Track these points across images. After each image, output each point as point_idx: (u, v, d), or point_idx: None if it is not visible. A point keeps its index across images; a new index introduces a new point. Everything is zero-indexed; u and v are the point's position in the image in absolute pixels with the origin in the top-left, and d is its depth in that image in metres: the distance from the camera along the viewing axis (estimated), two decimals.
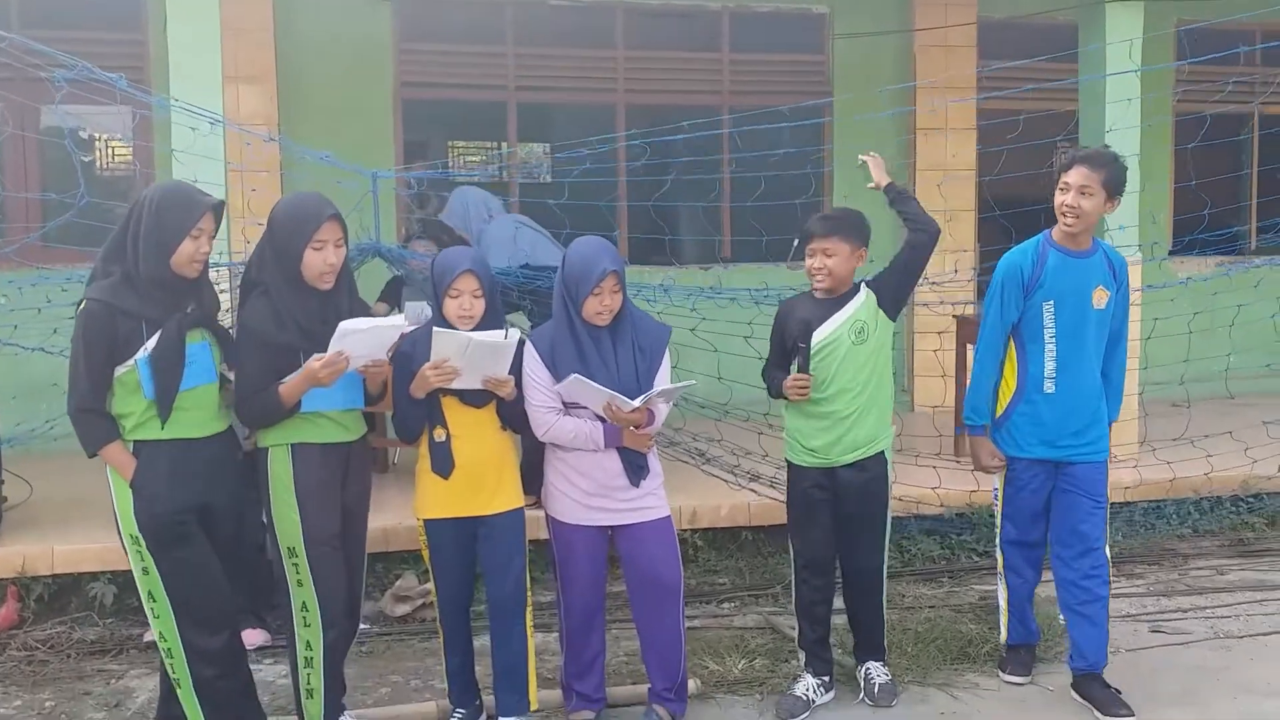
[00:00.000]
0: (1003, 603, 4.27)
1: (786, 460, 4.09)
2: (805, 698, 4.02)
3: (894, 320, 3.98)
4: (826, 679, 4.10)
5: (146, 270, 3.25)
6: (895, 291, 3.97)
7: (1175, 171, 8.44)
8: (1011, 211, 5.94)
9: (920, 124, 8.12)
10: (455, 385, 3.51)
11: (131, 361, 3.25)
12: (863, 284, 3.99)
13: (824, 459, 3.95)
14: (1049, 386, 3.92)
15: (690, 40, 8.30)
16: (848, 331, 3.89)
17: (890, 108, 8.19)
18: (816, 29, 8.28)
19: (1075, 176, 3.78)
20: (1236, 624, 4.84)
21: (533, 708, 3.77)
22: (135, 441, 3.32)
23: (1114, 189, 3.82)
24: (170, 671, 3.45)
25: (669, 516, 3.75)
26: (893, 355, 4.05)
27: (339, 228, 3.45)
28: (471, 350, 3.43)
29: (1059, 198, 3.85)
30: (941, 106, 7.91)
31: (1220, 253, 6.95)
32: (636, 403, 3.50)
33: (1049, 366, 3.91)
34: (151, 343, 3.25)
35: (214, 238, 3.37)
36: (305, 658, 3.54)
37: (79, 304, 3.30)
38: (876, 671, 4.10)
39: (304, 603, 3.50)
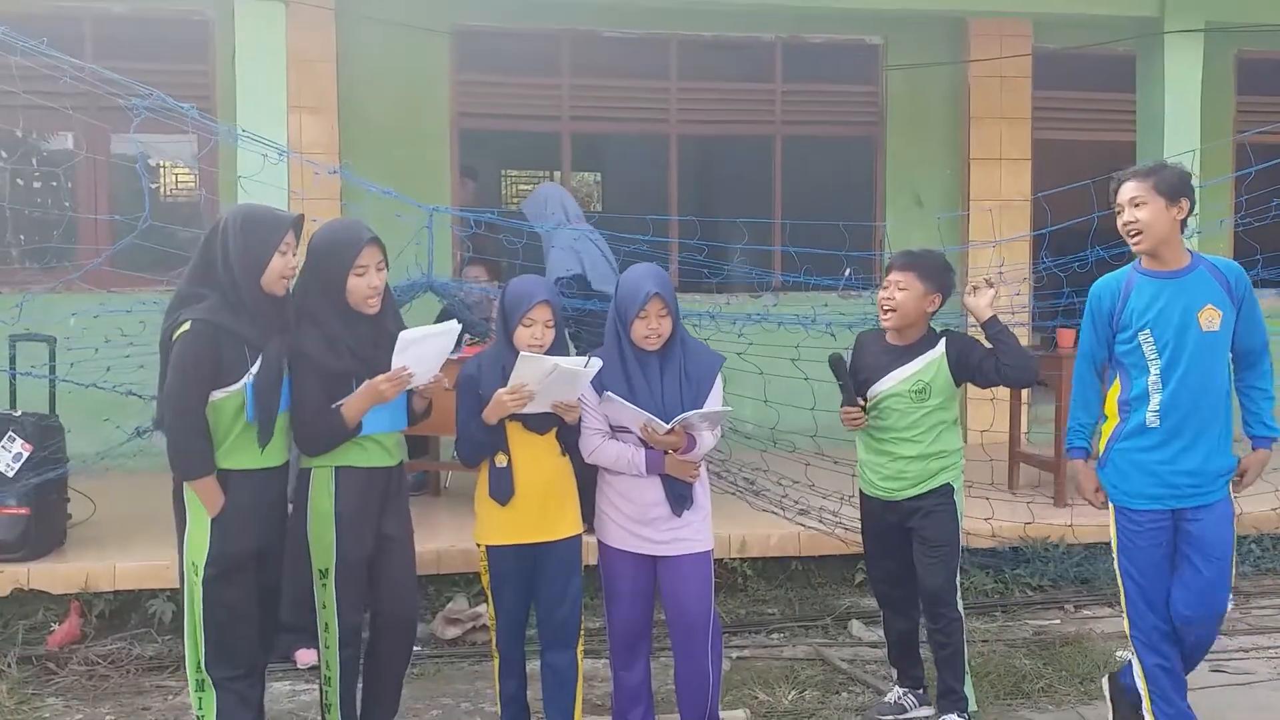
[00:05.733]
0: (1143, 687, 3.68)
1: (859, 490, 4.14)
2: (896, 703, 4.12)
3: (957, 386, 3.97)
4: (921, 691, 4.15)
5: (242, 290, 3.31)
6: (965, 376, 3.93)
7: (1236, 204, 8.32)
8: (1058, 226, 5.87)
9: (974, 154, 8.09)
10: (527, 409, 3.54)
11: (240, 384, 3.30)
12: (943, 339, 3.94)
13: (887, 493, 3.99)
14: (1152, 420, 3.59)
15: (743, 71, 8.36)
16: (908, 390, 3.90)
17: (943, 139, 8.22)
18: (870, 60, 8.30)
19: (1124, 192, 3.61)
20: None
21: None
22: (222, 470, 3.35)
23: (1171, 191, 3.53)
24: (196, 708, 3.47)
25: (708, 552, 3.72)
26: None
27: (379, 251, 3.51)
28: (553, 377, 3.45)
29: (1118, 222, 3.66)
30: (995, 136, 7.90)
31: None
32: (670, 425, 3.51)
33: (1153, 399, 3.58)
34: (256, 366, 3.30)
35: (295, 253, 3.43)
36: (326, 676, 3.60)
37: (176, 327, 3.30)
38: None
39: (326, 624, 3.55)
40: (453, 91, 7.71)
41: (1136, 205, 3.57)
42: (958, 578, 4.00)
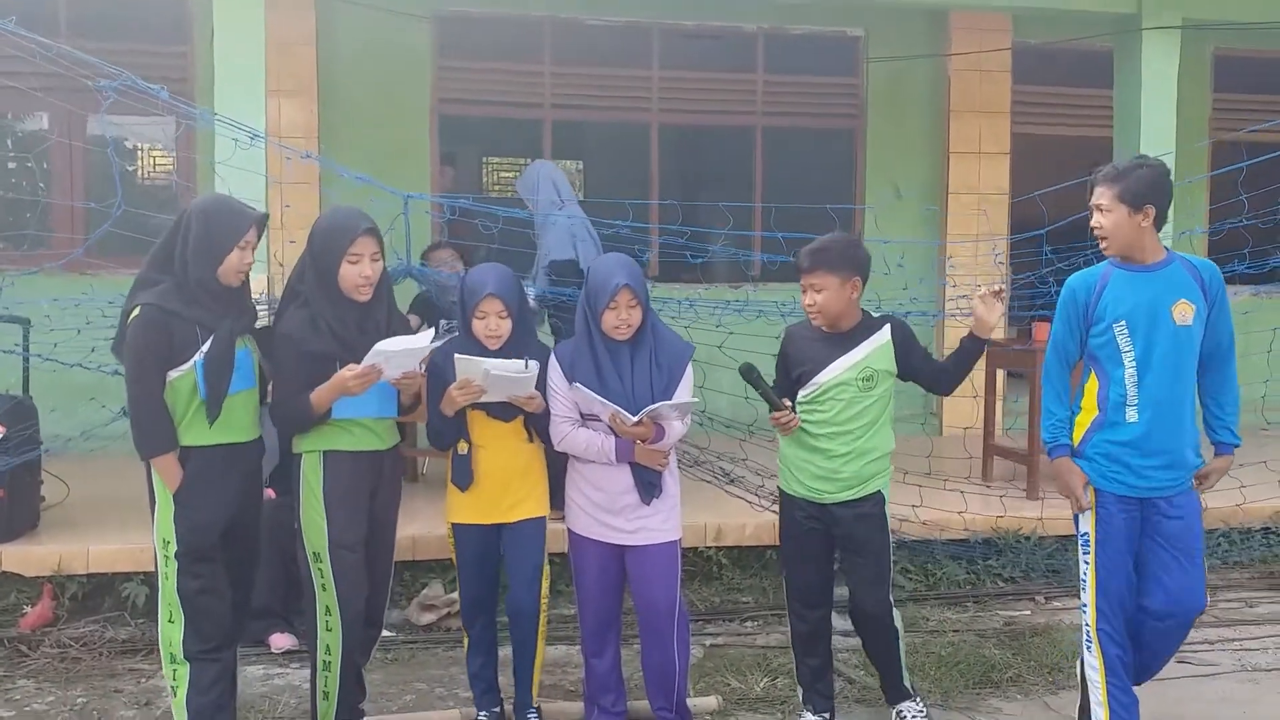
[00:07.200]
0: (1098, 678, 3.66)
1: (779, 489, 3.92)
2: None
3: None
4: (826, 715, 3.95)
5: (195, 277, 3.35)
6: (899, 367, 3.79)
7: (1211, 199, 8.39)
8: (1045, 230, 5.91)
9: (953, 147, 8.14)
10: (482, 400, 3.58)
11: (190, 364, 3.33)
12: (888, 325, 3.78)
13: (815, 494, 3.77)
14: (1130, 414, 3.57)
15: (725, 61, 8.37)
16: (856, 377, 3.71)
17: (923, 131, 8.26)
18: (851, 52, 8.32)
19: (1095, 196, 3.62)
20: (1264, 657, 4.79)
21: (534, 701, 3.88)
22: (182, 447, 3.38)
23: (1135, 200, 3.49)
24: (170, 679, 3.48)
25: (676, 541, 3.73)
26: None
27: (375, 242, 3.53)
28: (490, 378, 3.50)
29: (1092, 220, 3.66)
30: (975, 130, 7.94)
31: (1258, 281, 6.85)
32: (636, 417, 3.52)
33: (1130, 392, 3.56)
34: (206, 345, 3.34)
35: (255, 249, 3.47)
36: (324, 661, 3.60)
37: (130, 311, 3.36)
38: (910, 711, 3.92)
39: (327, 607, 3.56)
40: (434, 76, 7.69)
41: (1101, 212, 3.57)
42: (890, 589, 3.86)
